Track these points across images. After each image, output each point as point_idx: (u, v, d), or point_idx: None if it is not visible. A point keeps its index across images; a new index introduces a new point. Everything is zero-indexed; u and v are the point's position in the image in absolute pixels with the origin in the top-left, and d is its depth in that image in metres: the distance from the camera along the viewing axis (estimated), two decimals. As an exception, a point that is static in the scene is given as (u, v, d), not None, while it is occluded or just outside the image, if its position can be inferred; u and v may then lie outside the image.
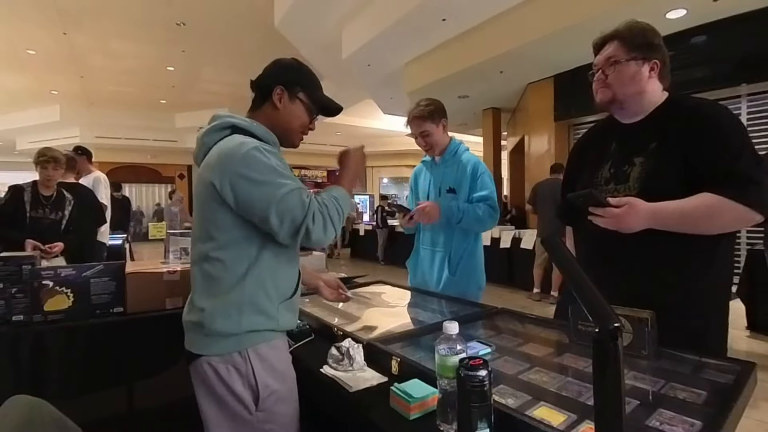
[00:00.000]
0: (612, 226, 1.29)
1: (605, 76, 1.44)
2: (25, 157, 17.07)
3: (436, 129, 2.32)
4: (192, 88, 12.49)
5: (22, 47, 8.92)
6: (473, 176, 2.30)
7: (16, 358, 1.65)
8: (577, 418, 0.93)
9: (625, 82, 1.40)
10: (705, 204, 1.24)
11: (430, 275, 2.39)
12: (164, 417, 1.94)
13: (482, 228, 2.34)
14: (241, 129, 1.28)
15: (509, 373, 1.20)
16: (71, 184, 4.32)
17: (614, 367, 0.66)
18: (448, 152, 2.37)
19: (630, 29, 1.42)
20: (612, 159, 1.48)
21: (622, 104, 1.45)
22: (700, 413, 0.93)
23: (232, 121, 1.29)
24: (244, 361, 1.22)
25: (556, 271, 6.11)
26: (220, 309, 1.21)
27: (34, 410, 0.92)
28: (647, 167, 1.37)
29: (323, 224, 1.20)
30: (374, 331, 1.60)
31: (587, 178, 1.55)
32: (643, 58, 1.39)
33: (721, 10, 4.90)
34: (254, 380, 1.21)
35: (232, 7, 7.40)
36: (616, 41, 1.43)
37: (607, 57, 1.43)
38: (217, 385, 1.22)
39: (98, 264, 1.86)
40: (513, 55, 6.34)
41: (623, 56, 1.40)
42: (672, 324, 1.25)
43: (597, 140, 1.61)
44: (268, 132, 1.32)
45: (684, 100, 1.42)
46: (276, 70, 1.42)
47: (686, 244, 1.29)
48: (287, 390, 1.29)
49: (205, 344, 1.24)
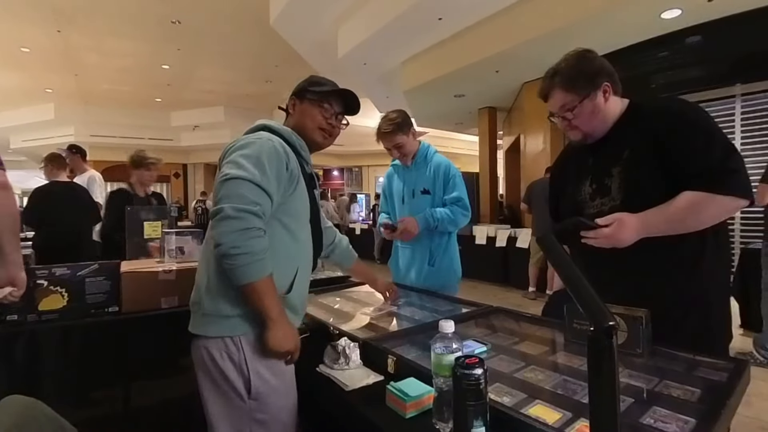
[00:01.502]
0: (606, 245, 1.30)
1: (567, 121, 1.46)
2: (18, 156, 17.00)
3: (407, 139, 2.42)
4: (187, 87, 12.44)
5: (16, 45, 8.85)
6: (445, 178, 2.45)
7: (11, 358, 1.64)
8: (572, 416, 0.94)
9: (588, 118, 1.43)
10: (687, 203, 1.26)
11: (412, 270, 2.53)
12: (160, 416, 1.93)
13: (457, 228, 2.50)
14: (271, 129, 1.39)
15: (505, 371, 1.21)
16: (66, 182, 4.31)
17: (609, 365, 0.67)
18: (419, 156, 2.49)
19: (566, 75, 1.43)
20: (591, 174, 1.51)
21: (593, 135, 1.48)
22: (694, 411, 0.94)
23: (265, 123, 1.41)
24: (237, 350, 1.25)
25: (551, 270, 6.13)
26: (216, 289, 1.26)
27: (28, 410, 0.92)
28: (625, 176, 1.39)
29: (224, 231, 1.16)
30: (370, 330, 1.61)
31: (572, 193, 1.57)
32: (593, 90, 1.41)
33: (716, 11, 4.91)
34: (246, 368, 1.24)
35: (227, 5, 7.37)
36: (558, 89, 1.45)
37: (561, 105, 1.46)
38: (212, 368, 1.26)
39: (93, 263, 1.85)
40: (509, 54, 6.34)
41: (575, 100, 1.42)
42: (672, 324, 1.26)
43: (574, 157, 1.64)
44: (294, 135, 1.41)
45: (644, 104, 1.44)
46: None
47: (676, 244, 1.30)
48: (283, 383, 1.29)
49: (201, 324, 1.28)
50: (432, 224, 2.37)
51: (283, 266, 1.31)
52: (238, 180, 1.18)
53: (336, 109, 1.50)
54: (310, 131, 1.46)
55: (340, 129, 1.54)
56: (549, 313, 1.76)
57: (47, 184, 4.21)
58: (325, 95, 1.46)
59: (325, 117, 1.47)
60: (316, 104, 1.45)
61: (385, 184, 2.76)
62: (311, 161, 1.50)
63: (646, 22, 4.97)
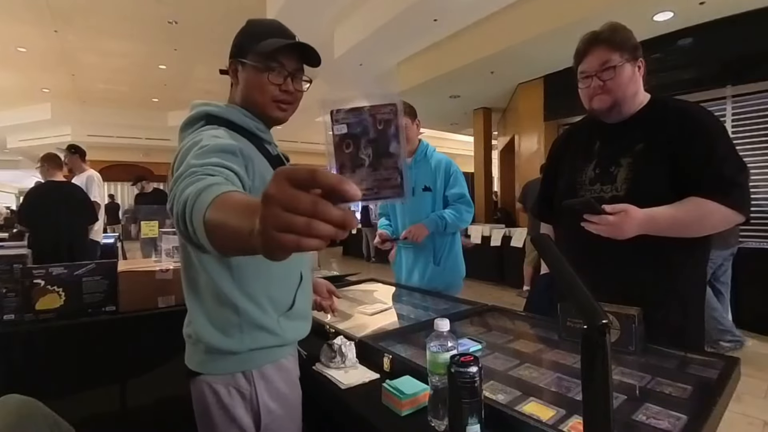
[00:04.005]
0: (605, 233, 1.28)
1: (602, 82, 1.40)
2: (15, 156, 16.92)
3: (411, 125, 2.36)
4: (184, 87, 12.40)
5: (13, 45, 8.81)
6: (447, 174, 2.43)
7: (8, 358, 1.64)
8: (565, 413, 0.95)
9: (626, 84, 1.39)
10: (695, 208, 1.27)
11: (416, 270, 2.48)
12: (157, 415, 1.93)
13: (463, 226, 2.48)
14: (215, 117, 1.13)
15: (499, 369, 1.22)
16: (61, 182, 4.31)
17: (602, 363, 0.68)
18: (418, 153, 2.46)
19: (615, 32, 1.40)
20: (597, 158, 1.48)
21: (622, 108, 1.43)
22: (686, 407, 0.95)
23: (206, 110, 1.14)
24: (249, 384, 1.11)
25: (529, 267, 6.28)
26: (218, 325, 1.09)
27: (26, 409, 0.92)
28: (634, 169, 1.38)
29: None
30: (366, 329, 1.61)
31: (570, 176, 1.55)
32: (634, 57, 1.39)
33: (708, 13, 4.96)
34: (257, 403, 1.11)
35: (224, 5, 7.36)
36: (603, 46, 1.39)
37: (602, 62, 1.39)
38: (215, 408, 1.10)
39: (90, 263, 1.85)
40: (503, 55, 6.38)
41: (618, 59, 1.37)
42: (654, 321, 1.27)
43: (579, 138, 1.60)
44: (246, 116, 1.16)
45: (669, 102, 1.43)
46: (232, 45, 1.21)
47: (668, 244, 1.31)
48: (291, 411, 1.20)
49: (205, 361, 1.12)
50: (441, 227, 2.35)
51: (279, 279, 1.17)
52: None
53: (290, 68, 1.17)
54: (263, 106, 1.17)
55: (302, 92, 1.23)
56: (532, 299, 1.78)
57: (42, 183, 4.22)
58: (270, 55, 1.13)
59: (278, 84, 1.16)
60: (263, 70, 1.14)
61: None
62: (273, 139, 1.25)
63: (638, 24, 4.94)
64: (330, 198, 0.44)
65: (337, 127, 0.62)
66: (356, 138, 0.62)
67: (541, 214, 1.79)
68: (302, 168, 0.44)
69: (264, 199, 0.45)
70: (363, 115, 0.62)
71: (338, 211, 0.43)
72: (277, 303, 1.16)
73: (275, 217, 0.43)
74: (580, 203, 1.33)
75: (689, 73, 5.47)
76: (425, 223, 2.34)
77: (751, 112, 5.48)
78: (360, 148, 0.62)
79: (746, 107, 5.53)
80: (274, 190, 0.44)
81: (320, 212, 0.43)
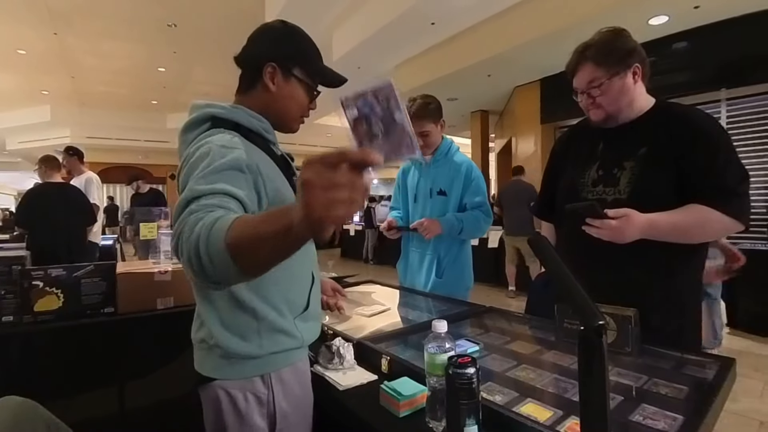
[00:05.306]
0: (607, 237, 1.29)
1: (592, 98, 1.42)
2: (14, 157, 16.89)
3: (435, 128, 2.20)
4: (183, 89, 12.41)
5: (13, 47, 8.82)
6: (467, 179, 2.23)
7: (6, 359, 1.64)
8: (563, 414, 0.95)
9: (615, 97, 1.40)
10: (697, 216, 1.28)
11: (419, 278, 2.36)
12: (155, 417, 1.93)
13: (479, 235, 2.32)
14: (221, 119, 1.09)
15: (497, 370, 1.22)
16: (60, 184, 4.30)
17: (599, 364, 0.68)
18: (439, 152, 2.27)
19: (604, 44, 1.40)
20: (600, 160, 1.49)
21: (618, 117, 1.45)
22: (682, 408, 0.96)
23: (211, 112, 1.09)
24: (266, 388, 1.08)
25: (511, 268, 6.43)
26: (236, 330, 1.06)
27: (24, 411, 0.92)
28: (638, 172, 1.38)
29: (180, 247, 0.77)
30: (364, 330, 1.61)
31: (573, 177, 1.55)
32: (624, 68, 1.39)
33: (702, 17, 5.00)
34: (273, 408, 1.09)
35: (223, 8, 7.37)
36: (590, 63, 1.40)
37: (588, 81, 1.41)
38: (229, 415, 1.07)
39: (89, 264, 1.85)
40: (500, 58, 6.42)
41: (603, 76, 1.38)
42: (651, 323, 1.28)
43: (582, 139, 1.60)
44: (253, 116, 1.12)
45: (673, 107, 1.43)
46: (264, 41, 1.19)
47: (666, 248, 1.32)
48: (303, 414, 1.18)
49: (221, 366, 1.07)
50: (455, 230, 2.16)
51: (295, 281, 1.16)
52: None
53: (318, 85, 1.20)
54: (291, 120, 1.18)
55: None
56: (532, 299, 1.79)
57: (40, 185, 4.21)
58: (322, 83, 1.18)
59: (311, 99, 1.19)
60: (310, 90, 1.17)
61: (399, 177, 2.49)
62: (277, 140, 1.22)
63: (634, 28, 4.96)
64: (356, 169, 0.55)
65: (349, 112, 0.77)
66: (367, 117, 0.76)
67: (541, 213, 1.79)
68: (331, 152, 0.54)
69: (305, 186, 0.53)
70: (368, 97, 0.75)
71: (367, 176, 0.56)
72: (293, 305, 1.15)
73: (321, 197, 0.52)
74: (583, 207, 1.34)
75: (684, 77, 5.50)
76: (440, 220, 2.16)
77: (745, 115, 5.53)
78: (372, 125, 0.76)
79: (741, 110, 5.57)
80: (311, 176, 0.53)
81: (357, 183, 0.54)
